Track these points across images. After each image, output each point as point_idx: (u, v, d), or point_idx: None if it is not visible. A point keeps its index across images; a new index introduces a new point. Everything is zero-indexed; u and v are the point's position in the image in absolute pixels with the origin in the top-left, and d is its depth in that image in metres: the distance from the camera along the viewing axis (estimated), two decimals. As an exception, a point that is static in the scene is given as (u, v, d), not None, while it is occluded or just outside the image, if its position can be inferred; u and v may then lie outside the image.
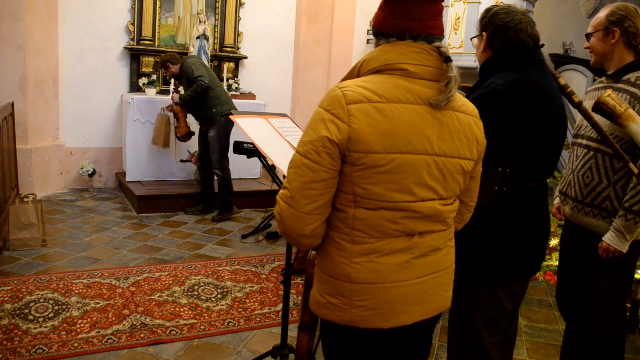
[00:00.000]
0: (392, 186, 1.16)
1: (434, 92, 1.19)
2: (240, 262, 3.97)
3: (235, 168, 6.04)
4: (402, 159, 1.15)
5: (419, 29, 1.21)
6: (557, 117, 1.73)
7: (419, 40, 1.21)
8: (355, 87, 1.16)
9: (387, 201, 1.17)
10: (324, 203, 1.18)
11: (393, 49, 1.21)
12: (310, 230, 1.19)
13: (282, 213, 1.19)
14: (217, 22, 6.37)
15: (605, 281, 2.07)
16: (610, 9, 2.03)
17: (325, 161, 1.14)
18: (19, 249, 3.86)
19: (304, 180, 1.15)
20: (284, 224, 1.19)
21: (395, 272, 1.22)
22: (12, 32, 5.02)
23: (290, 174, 1.18)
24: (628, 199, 1.91)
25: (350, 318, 1.23)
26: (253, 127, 2.32)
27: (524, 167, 1.71)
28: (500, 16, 1.73)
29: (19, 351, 2.55)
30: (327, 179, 1.15)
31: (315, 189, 1.15)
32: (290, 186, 1.17)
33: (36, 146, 5.35)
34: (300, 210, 1.16)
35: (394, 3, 1.22)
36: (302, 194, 1.15)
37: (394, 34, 1.22)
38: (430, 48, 1.21)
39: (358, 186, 1.16)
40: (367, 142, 1.13)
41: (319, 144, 1.14)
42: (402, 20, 1.21)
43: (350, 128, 1.12)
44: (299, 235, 1.20)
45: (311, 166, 1.14)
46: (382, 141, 1.13)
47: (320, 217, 1.19)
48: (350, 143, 1.13)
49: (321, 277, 1.28)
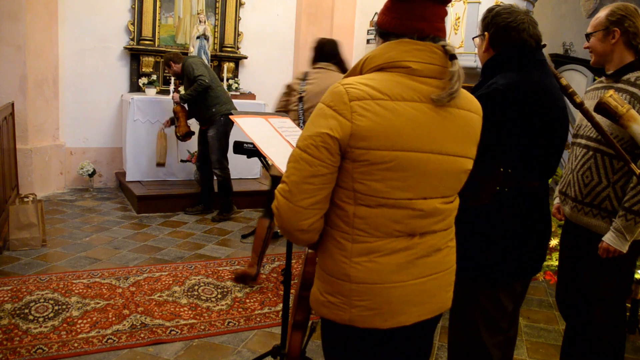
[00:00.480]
0: (394, 183, 1.16)
1: (438, 90, 1.19)
2: (240, 262, 3.96)
3: (235, 168, 6.03)
4: (405, 156, 1.15)
5: (429, 30, 1.21)
6: (559, 117, 1.73)
7: (426, 40, 1.21)
8: (358, 84, 1.15)
9: (388, 198, 1.17)
10: (321, 198, 1.18)
11: (396, 47, 1.20)
12: (307, 225, 1.19)
13: (279, 207, 1.19)
14: (217, 22, 6.37)
15: (605, 281, 2.07)
16: (610, 9, 2.02)
17: (324, 156, 1.14)
18: (19, 249, 3.86)
19: (302, 175, 1.15)
20: (282, 218, 1.20)
21: (395, 273, 1.21)
22: (12, 32, 5.02)
23: (289, 168, 1.18)
24: (628, 199, 1.91)
25: (349, 317, 1.23)
26: (253, 127, 2.32)
27: (525, 167, 1.71)
28: (503, 16, 1.72)
29: (19, 351, 2.55)
30: (326, 174, 1.16)
31: (313, 183, 1.15)
32: (289, 180, 1.17)
33: (36, 146, 5.35)
34: (298, 204, 1.16)
35: (404, 4, 1.22)
36: (300, 188, 1.16)
37: (405, 34, 1.22)
38: (434, 46, 1.21)
39: (359, 182, 1.16)
40: (370, 138, 1.13)
41: (318, 139, 1.14)
42: (413, 21, 1.21)
43: (353, 124, 1.12)
44: (296, 230, 1.20)
45: (310, 161, 1.15)
46: (385, 138, 1.13)
47: (318, 213, 1.19)
48: (352, 139, 1.13)
49: (322, 276, 1.28)
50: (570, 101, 1.85)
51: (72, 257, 3.85)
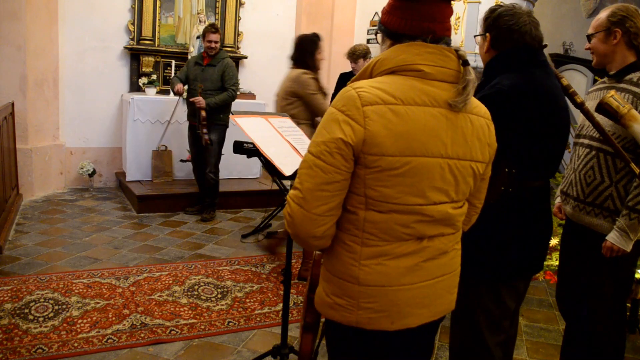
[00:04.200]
0: (406, 189, 1.15)
1: (450, 94, 1.17)
2: (240, 262, 3.97)
3: (235, 168, 6.04)
4: (417, 162, 1.14)
5: (441, 31, 1.20)
6: (561, 118, 1.73)
7: (440, 42, 1.19)
8: (371, 88, 1.13)
9: (399, 204, 1.15)
10: (335, 205, 1.16)
11: (408, 50, 1.18)
12: (321, 232, 1.18)
13: (293, 214, 1.17)
14: (217, 22, 6.36)
15: (605, 281, 2.07)
16: (611, 9, 2.03)
17: (339, 163, 1.12)
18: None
19: (317, 182, 1.13)
20: (295, 226, 1.18)
21: (404, 275, 1.21)
22: (12, 32, 5.01)
23: (302, 174, 1.16)
24: (632, 198, 1.91)
25: (356, 319, 1.23)
26: (253, 127, 2.32)
27: (528, 167, 1.71)
28: (505, 18, 1.71)
29: (19, 351, 2.55)
30: (340, 180, 1.14)
31: (328, 190, 1.14)
32: (302, 187, 1.15)
33: (36, 146, 5.35)
34: (312, 211, 1.14)
35: (414, 4, 1.19)
36: (314, 196, 1.14)
37: (417, 36, 1.19)
38: (447, 49, 1.19)
39: (371, 189, 1.15)
40: (382, 144, 1.11)
41: (332, 146, 1.12)
42: (425, 22, 1.18)
43: (366, 130, 1.10)
44: (309, 237, 1.18)
45: (324, 167, 1.12)
46: (397, 144, 1.11)
47: (332, 219, 1.18)
48: (365, 145, 1.11)
49: (328, 278, 1.27)
50: (571, 101, 1.85)
51: (72, 257, 3.85)
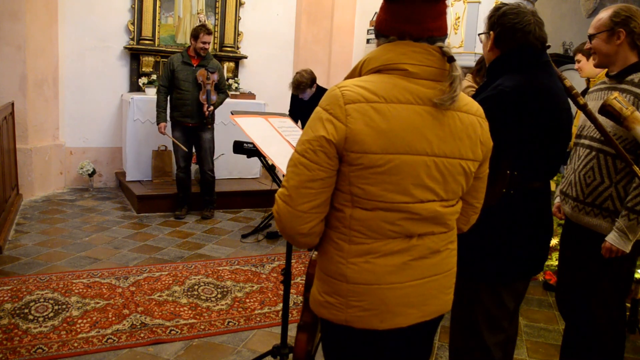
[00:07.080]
0: (390, 187, 1.16)
1: (435, 92, 1.18)
2: (240, 262, 3.97)
3: (235, 168, 6.05)
4: (400, 159, 1.15)
5: (419, 32, 1.19)
6: (563, 119, 1.72)
7: (421, 41, 1.20)
8: (354, 87, 1.15)
9: (384, 202, 1.16)
10: (321, 202, 1.18)
11: (394, 49, 1.20)
12: (307, 229, 1.19)
13: (280, 211, 1.19)
14: (217, 21, 6.37)
15: (605, 281, 2.07)
16: (613, 10, 2.01)
17: (322, 160, 1.14)
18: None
19: (301, 179, 1.15)
20: (282, 222, 1.20)
21: (392, 274, 1.21)
22: (12, 32, 5.02)
23: (288, 172, 1.18)
24: (631, 199, 1.91)
25: (346, 318, 1.23)
26: (253, 126, 2.32)
27: (529, 168, 1.71)
28: (509, 17, 1.70)
29: (19, 351, 2.55)
30: (324, 178, 1.15)
31: (312, 187, 1.15)
32: (288, 185, 1.17)
33: (36, 146, 5.35)
34: (298, 208, 1.16)
35: (393, 4, 1.21)
36: (299, 193, 1.16)
37: (395, 36, 1.21)
38: (432, 48, 1.20)
39: (355, 186, 1.16)
40: (364, 142, 1.12)
41: (316, 143, 1.14)
42: (401, 23, 1.20)
43: (348, 128, 1.12)
44: (296, 234, 1.20)
45: (308, 165, 1.14)
46: (379, 141, 1.13)
47: (318, 216, 1.19)
48: (347, 143, 1.13)
49: (320, 276, 1.28)
50: (573, 102, 1.85)
51: (72, 256, 3.85)
